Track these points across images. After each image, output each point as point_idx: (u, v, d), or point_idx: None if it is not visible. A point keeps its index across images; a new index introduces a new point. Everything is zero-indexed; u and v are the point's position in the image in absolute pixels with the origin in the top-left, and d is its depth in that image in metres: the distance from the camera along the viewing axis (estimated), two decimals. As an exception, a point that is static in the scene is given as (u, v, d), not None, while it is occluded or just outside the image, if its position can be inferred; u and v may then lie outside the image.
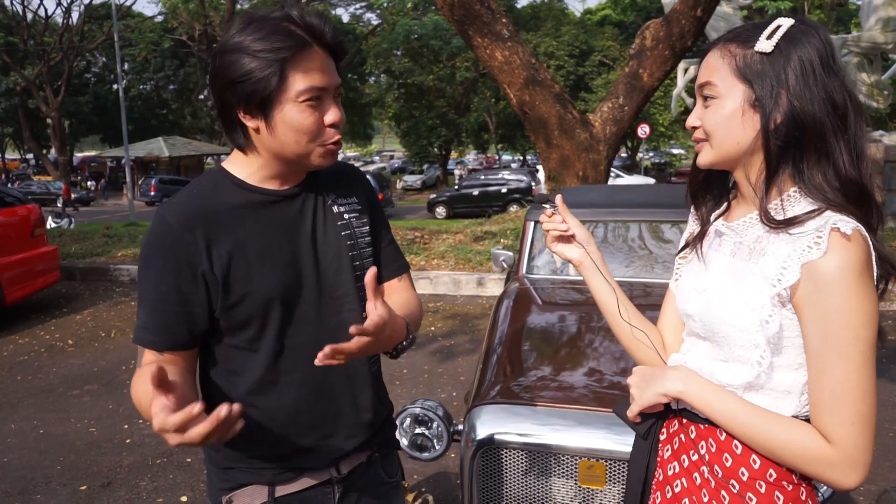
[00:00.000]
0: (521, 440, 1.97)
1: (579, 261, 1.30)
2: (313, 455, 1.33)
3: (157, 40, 36.51)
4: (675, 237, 3.44)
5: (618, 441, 1.86)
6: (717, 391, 1.06)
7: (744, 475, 1.05)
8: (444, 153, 35.17)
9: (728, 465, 1.06)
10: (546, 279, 3.32)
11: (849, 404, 0.95)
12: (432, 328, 6.13)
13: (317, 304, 1.29)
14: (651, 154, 39.11)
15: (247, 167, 1.27)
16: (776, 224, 1.01)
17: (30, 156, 46.59)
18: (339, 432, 1.34)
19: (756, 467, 1.04)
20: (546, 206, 1.30)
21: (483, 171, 26.98)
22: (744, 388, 1.05)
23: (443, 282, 7.57)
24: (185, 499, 3.28)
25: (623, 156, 35.15)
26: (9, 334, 6.22)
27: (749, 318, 1.03)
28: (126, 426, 4.12)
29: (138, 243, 9.78)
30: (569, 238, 1.31)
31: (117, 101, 25.78)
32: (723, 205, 1.18)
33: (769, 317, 1.01)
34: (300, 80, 1.15)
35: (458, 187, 22.60)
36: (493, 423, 2.00)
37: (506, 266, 3.77)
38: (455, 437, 2.15)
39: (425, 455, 2.16)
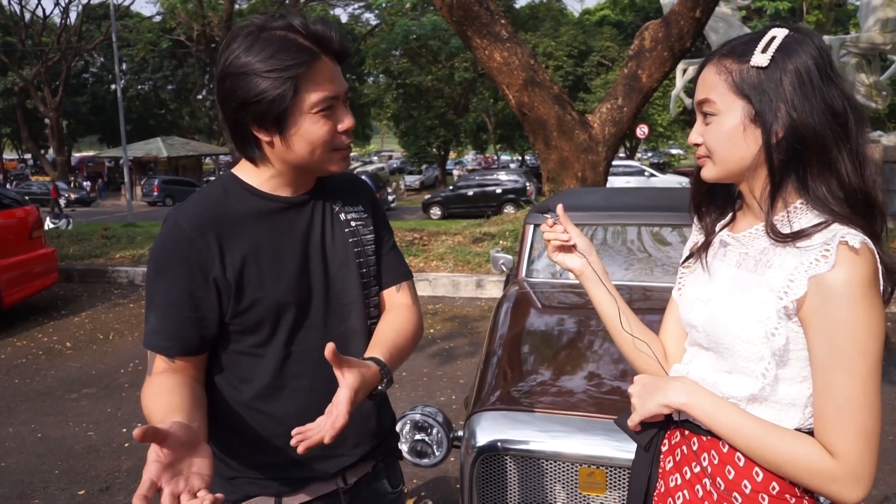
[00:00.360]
0: (521, 447, 1.96)
1: (580, 270, 1.30)
2: (320, 463, 1.32)
3: (156, 40, 36.51)
4: (675, 240, 3.44)
5: (618, 448, 1.85)
6: (720, 403, 1.06)
7: (746, 488, 1.04)
8: (443, 153, 35.12)
9: (730, 477, 1.06)
10: (546, 283, 3.31)
11: (854, 419, 0.95)
12: (431, 330, 6.12)
13: (324, 310, 1.30)
14: (650, 154, 39.12)
15: (258, 175, 1.28)
16: (782, 237, 1.01)
17: (28, 156, 46.57)
18: (345, 440, 1.33)
19: (759, 480, 1.04)
20: (547, 215, 1.30)
21: (478, 171, 26.96)
22: (748, 400, 1.04)
23: (442, 283, 7.56)
24: None
25: (621, 156, 35.17)
26: (6, 337, 6.21)
27: (755, 329, 1.02)
28: (124, 430, 4.11)
29: (137, 244, 9.76)
30: (570, 248, 1.30)
31: (115, 102, 25.78)
32: (727, 215, 1.18)
33: (775, 329, 1.00)
34: (313, 93, 1.16)
35: (454, 188, 22.57)
36: (493, 430, 1.99)
37: (505, 269, 3.76)
38: (455, 444, 2.14)
39: (425, 461, 2.15)
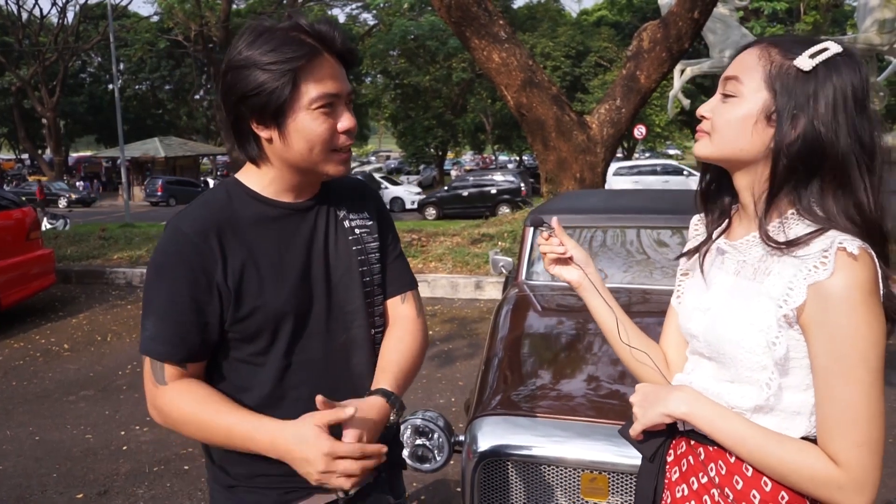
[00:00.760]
0: (522, 452, 1.95)
1: (578, 282, 1.29)
2: None
3: (153, 40, 36.41)
4: (673, 243, 3.43)
5: (620, 453, 1.84)
6: (723, 413, 1.05)
7: (755, 498, 1.03)
8: (441, 154, 35.10)
9: (739, 488, 1.05)
10: (546, 285, 3.30)
11: (856, 427, 0.94)
12: (430, 332, 6.09)
13: (326, 318, 1.28)
14: (647, 155, 39.13)
15: (260, 179, 1.27)
16: (778, 245, 1.00)
17: (25, 156, 46.47)
18: None
19: (768, 490, 1.03)
20: (542, 228, 1.29)
21: (473, 172, 26.93)
22: (753, 410, 1.03)
23: (440, 285, 7.55)
24: (182, 507, 3.25)
25: (619, 156, 35.16)
26: (4, 339, 6.18)
27: (756, 338, 1.01)
28: (123, 433, 4.09)
29: (135, 245, 9.72)
30: (566, 260, 1.30)
31: (113, 102, 25.70)
32: (724, 221, 1.17)
33: (776, 338, 0.99)
34: (312, 88, 1.16)
35: (449, 188, 22.57)
36: (494, 435, 1.98)
37: (504, 272, 3.75)
38: (456, 448, 2.13)
39: (426, 466, 2.14)
